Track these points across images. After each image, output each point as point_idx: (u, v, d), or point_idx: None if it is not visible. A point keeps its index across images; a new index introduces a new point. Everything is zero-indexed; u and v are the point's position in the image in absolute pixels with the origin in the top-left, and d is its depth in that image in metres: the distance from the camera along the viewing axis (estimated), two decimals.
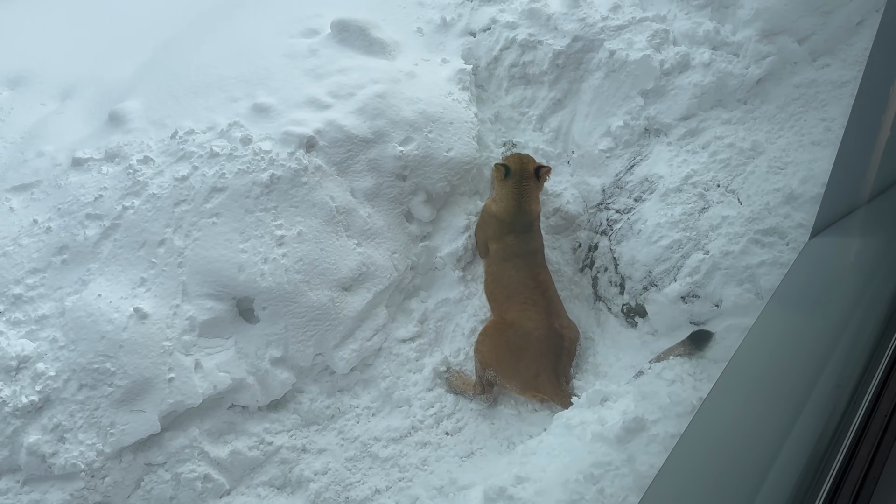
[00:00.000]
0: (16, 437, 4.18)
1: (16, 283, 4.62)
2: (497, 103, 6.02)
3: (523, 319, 4.49)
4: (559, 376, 4.37)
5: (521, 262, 4.77)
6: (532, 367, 4.37)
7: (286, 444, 4.55)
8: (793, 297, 2.76)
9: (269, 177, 4.79)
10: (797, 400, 2.18)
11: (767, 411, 2.24)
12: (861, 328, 2.31)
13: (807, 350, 2.45)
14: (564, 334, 4.47)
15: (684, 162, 4.69)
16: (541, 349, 4.38)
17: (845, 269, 2.93)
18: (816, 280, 2.86)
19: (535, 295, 4.58)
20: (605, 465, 3.61)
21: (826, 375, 2.22)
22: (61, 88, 6.18)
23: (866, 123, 2.62)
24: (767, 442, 2.12)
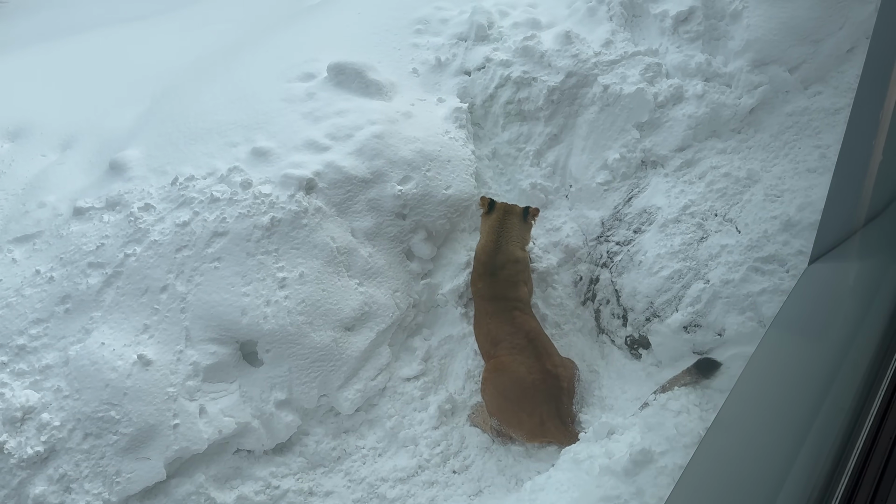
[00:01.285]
0: (22, 488, 4.16)
1: (19, 333, 4.63)
2: (494, 140, 6.08)
3: (515, 366, 4.37)
4: (564, 419, 4.25)
5: (499, 307, 4.62)
6: (535, 416, 4.26)
7: (293, 488, 4.52)
8: (793, 322, 2.77)
9: (269, 220, 4.82)
10: (801, 425, 2.18)
11: (771, 438, 2.24)
12: (862, 351, 2.32)
13: (809, 375, 2.45)
14: (560, 374, 4.33)
15: (681, 192, 4.72)
16: (539, 396, 4.25)
17: (845, 293, 2.93)
18: (816, 305, 2.87)
19: (519, 340, 4.45)
20: (615, 499, 3.58)
21: (829, 400, 2.22)
22: (61, 139, 6.24)
23: (859, 148, 2.65)
24: (772, 469, 2.12)
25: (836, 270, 2.93)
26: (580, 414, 4.54)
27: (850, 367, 2.32)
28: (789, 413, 2.34)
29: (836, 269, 2.93)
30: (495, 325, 4.56)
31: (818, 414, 2.25)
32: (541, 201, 5.73)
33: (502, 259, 4.77)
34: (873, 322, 2.46)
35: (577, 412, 4.43)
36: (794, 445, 2.17)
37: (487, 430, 4.58)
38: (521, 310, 4.61)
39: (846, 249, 2.88)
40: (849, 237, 2.90)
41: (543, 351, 4.39)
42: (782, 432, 2.29)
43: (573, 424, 4.28)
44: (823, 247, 2.96)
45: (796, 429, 2.24)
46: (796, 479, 2.05)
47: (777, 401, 2.43)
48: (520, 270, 4.80)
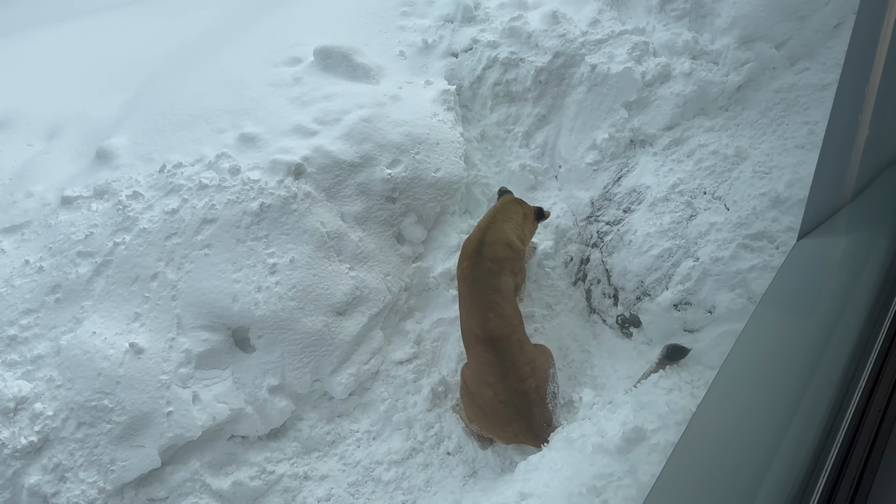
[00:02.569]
0: (16, 478, 4.16)
1: (10, 324, 4.62)
2: (482, 122, 6.07)
3: (482, 388, 4.25)
4: (537, 431, 4.15)
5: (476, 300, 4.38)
6: (508, 430, 4.22)
7: (288, 472, 4.54)
8: (782, 298, 2.78)
9: (258, 206, 4.80)
10: (791, 400, 2.19)
11: (762, 413, 2.25)
12: (851, 325, 2.33)
13: (799, 350, 2.47)
14: (528, 388, 4.16)
15: (670, 171, 4.73)
16: (509, 415, 4.17)
17: (833, 268, 2.95)
18: (805, 281, 2.89)
19: (487, 354, 4.22)
20: (608, 477, 3.60)
21: (819, 374, 2.23)
22: (48, 128, 6.21)
23: (845, 123, 2.66)
24: (764, 443, 2.13)
25: (824, 246, 2.95)
26: (574, 392, 4.56)
27: (839, 341, 2.34)
28: (779, 388, 2.36)
29: (825, 244, 2.95)
30: (470, 321, 4.37)
31: (807, 388, 2.26)
32: (530, 182, 5.73)
33: (492, 237, 4.55)
34: (861, 296, 2.48)
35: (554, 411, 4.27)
36: (784, 420, 2.19)
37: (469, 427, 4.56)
38: (497, 306, 4.33)
39: (834, 224, 2.90)
40: (837, 212, 2.91)
41: (510, 365, 4.16)
42: (772, 407, 2.31)
43: (550, 426, 4.17)
44: (812, 222, 2.97)
45: (786, 403, 2.26)
46: (786, 453, 2.07)
47: (767, 376, 2.44)
48: (508, 257, 4.56)
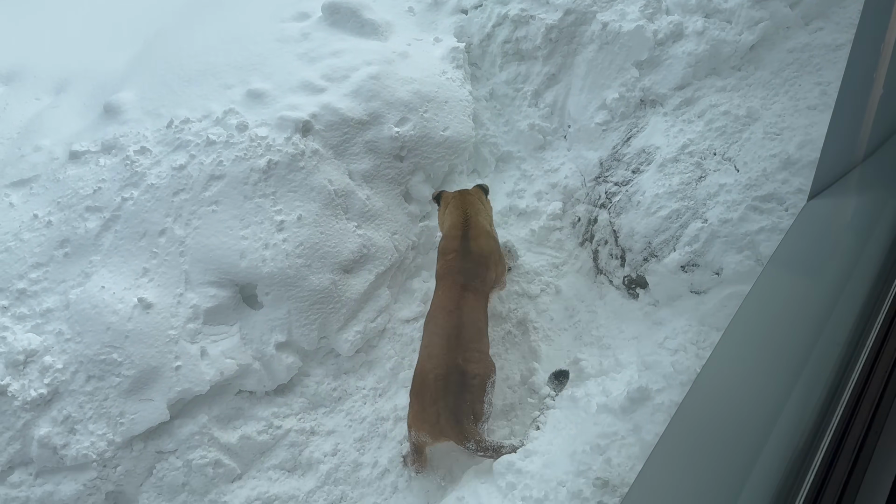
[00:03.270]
0: (26, 430, 4.21)
1: (19, 277, 4.64)
2: (491, 80, 6.02)
3: (424, 358, 4.12)
4: (460, 416, 3.86)
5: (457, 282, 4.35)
6: (432, 411, 3.92)
7: (295, 427, 4.58)
8: (791, 259, 2.77)
9: (266, 162, 4.79)
10: (797, 360, 2.19)
11: (767, 374, 2.25)
12: (859, 285, 2.32)
13: (806, 311, 2.46)
14: (468, 370, 3.96)
15: (680, 132, 4.69)
16: (437, 390, 3.92)
17: (842, 229, 2.93)
18: (814, 242, 2.87)
19: (447, 322, 4.15)
20: (611, 436, 3.64)
21: (826, 335, 2.23)
22: (55, 82, 6.18)
23: (859, 83, 2.62)
24: (768, 404, 2.14)
25: (834, 206, 2.93)
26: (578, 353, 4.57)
27: (847, 302, 2.33)
28: (785, 349, 2.36)
29: (835, 204, 2.92)
30: (444, 298, 4.32)
31: (814, 349, 2.26)
32: (539, 142, 5.70)
33: (475, 232, 4.58)
34: (870, 256, 2.47)
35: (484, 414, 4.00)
36: (789, 380, 2.19)
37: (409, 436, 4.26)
38: (476, 291, 4.34)
39: (845, 185, 2.87)
40: (848, 173, 2.89)
41: (461, 343, 4.05)
42: (778, 368, 2.31)
43: (476, 424, 3.90)
44: (822, 183, 2.95)
45: (792, 364, 2.26)
46: (791, 414, 2.08)
47: (773, 337, 2.44)
48: (491, 249, 4.61)
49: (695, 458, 2.13)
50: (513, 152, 5.82)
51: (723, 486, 1.97)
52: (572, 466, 3.59)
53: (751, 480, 1.91)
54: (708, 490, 2.00)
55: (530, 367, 4.61)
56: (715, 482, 2.01)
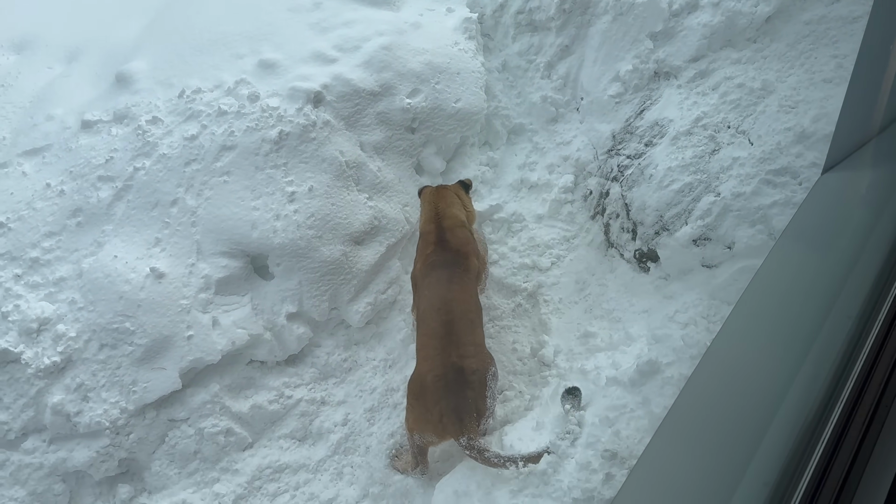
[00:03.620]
0: (40, 397, 4.26)
1: (32, 246, 4.67)
2: (504, 52, 5.98)
3: (420, 361, 4.02)
4: (461, 414, 3.74)
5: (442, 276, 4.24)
6: (435, 412, 3.80)
7: (305, 397, 4.62)
8: (804, 233, 2.75)
9: (277, 133, 4.79)
10: (808, 334, 2.19)
11: (778, 348, 2.25)
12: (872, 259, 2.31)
13: (818, 284, 2.45)
14: (465, 366, 3.83)
15: (694, 104, 4.65)
16: (438, 391, 3.80)
17: (856, 202, 2.91)
18: (827, 215, 2.85)
19: (437, 324, 4.01)
20: (620, 408, 3.65)
21: (837, 308, 2.22)
22: (67, 51, 6.17)
23: (876, 55, 2.59)
24: (778, 378, 2.14)
25: (848, 179, 2.90)
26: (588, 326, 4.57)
27: (859, 276, 2.32)
28: (796, 322, 2.35)
29: (849, 178, 2.90)
30: (432, 295, 4.19)
31: (825, 323, 2.26)
32: (551, 115, 5.67)
33: (449, 223, 4.50)
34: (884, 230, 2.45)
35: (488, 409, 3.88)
36: (799, 354, 2.19)
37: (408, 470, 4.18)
38: (461, 283, 4.24)
39: (860, 158, 2.85)
40: (863, 146, 2.86)
41: (455, 340, 3.93)
42: (788, 342, 2.30)
43: (479, 420, 3.79)
44: (837, 156, 2.92)
45: (803, 338, 2.25)
46: (801, 388, 2.08)
47: (784, 311, 2.43)
48: (468, 239, 4.51)
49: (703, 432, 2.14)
50: (525, 125, 5.80)
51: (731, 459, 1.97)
52: (581, 438, 3.61)
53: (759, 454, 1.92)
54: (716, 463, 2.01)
55: (540, 339, 4.62)
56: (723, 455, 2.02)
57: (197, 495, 4.29)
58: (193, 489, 4.31)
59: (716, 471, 1.96)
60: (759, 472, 1.85)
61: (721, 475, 1.93)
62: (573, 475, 3.45)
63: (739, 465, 1.89)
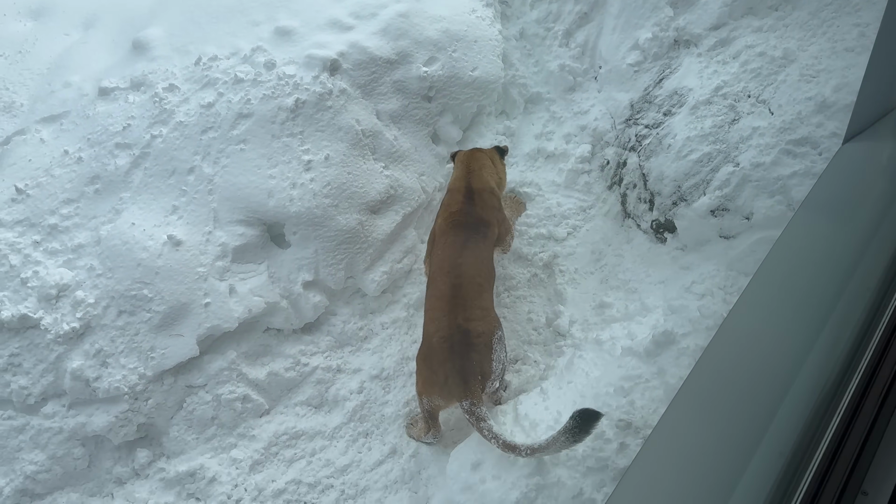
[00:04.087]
0: (59, 363, 4.30)
1: (51, 213, 4.70)
2: (522, 19, 5.91)
3: (427, 323, 4.05)
4: (466, 377, 3.73)
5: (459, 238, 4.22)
6: (440, 374, 3.82)
7: (321, 365, 4.65)
8: (823, 203, 2.72)
9: (294, 101, 4.77)
10: (826, 306, 2.18)
11: (796, 319, 2.24)
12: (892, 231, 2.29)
13: (837, 255, 2.43)
14: (471, 328, 3.83)
15: (714, 73, 4.59)
16: (443, 353, 3.82)
17: (877, 172, 2.88)
18: (848, 185, 2.82)
19: (445, 283, 4.03)
20: (635, 379, 3.65)
21: (856, 279, 2.21)
22: (84, 17, 6.16)
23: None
24: (795, 349, 2.13)
25: (869, 149, 2.87)
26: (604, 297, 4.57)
27: (879, 247, 2.30)
28: (814, 294, 2.34)
29: (870, 148, 2.87)
30: (443, 257, 4.19)
31: (843, 294, 2.24)
32: (569, 84, 5.63)
33: (478, 185, 4.49)
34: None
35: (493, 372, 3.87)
36: (817, 326, 2.18)
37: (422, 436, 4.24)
38: (476, 248, 4.21)
39: (882, 128, 2.81)
40: (886, 115, 2.82)
41: (462, 303, 3.93)
42: (806, 313, 2.29)
43: (484, 382, 3.79)
44: (858, 126, 2.88)
45: (821, 309, 2.24)
46: (818, 359, 2.07)
47: (803, 282, 2.42)
48: (494, 205, 4.50)
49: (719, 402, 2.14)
50: (542, 93, 5.75)
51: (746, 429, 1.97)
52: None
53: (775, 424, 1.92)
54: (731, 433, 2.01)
55: (555, 309, 4.62)
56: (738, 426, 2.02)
57: (214, 460, 4.34)
58: (211, 454, 4.37)
59: (731, 441, 1.97)
60: (774, 442, 1.86)
61: (736, 445, 1.93)
62: (587, 444, 3.46)
63: (755, 435, 1.89)
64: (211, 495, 4.23)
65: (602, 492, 3.36)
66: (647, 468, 1.95)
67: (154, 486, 4.29)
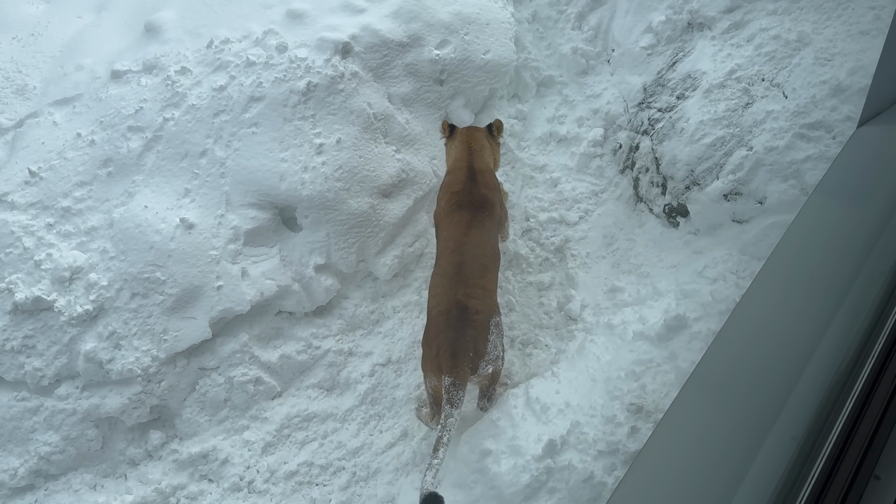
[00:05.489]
0: (73, 344, 4.34)
1: (64, 196, 4.72)
2: (534, 2, 5.89)
3: (429, 299, 4.03)
4: (457, 352, 3.65)
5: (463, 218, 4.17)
6: (434, 346, 3.76)
7: (333, 348, 4.66)
8: (838, 187, 2.71)
9: (305, 84, 4.77)
10: (840, 290, 2.17)
11: (809, 303, 2.24)
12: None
13: (851, 239, 2.42)
14: (470, 305, 3.79)
15: (728, 56, 4.56)
16: (439, 325, 3.78)
17: (893, 157, 2.86)
18: (862, 169, 2.80)
19: (449, 265, 4.00)
20: (647, 363, 3.66)
21: (870, 264, 2.20)
22: (96, 0, 6.16)
23: None
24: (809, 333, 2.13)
25: (885, 133, 2.85)
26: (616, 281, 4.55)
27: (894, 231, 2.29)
28: (828, 278, 2.33)
29: (886, 131, 2.84)
30: (450, 236, 4.16)
31: (857, 278, 2.23)
32: (581, 67, 5.60)
33: (480, 165, 4.44)
34: None
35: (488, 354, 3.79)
36: (831, 310, 2.17)
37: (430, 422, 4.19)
38: (481, 227, 4.17)
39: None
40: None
41: (463, 280, 3.90)
42: (820, 297, 2.29)
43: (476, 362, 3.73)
44: (873, 109, 2.86)
45: (834, 294, 2.24)
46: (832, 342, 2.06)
47: (817, 266, 2.41)
48: (495, 185, 4.46)
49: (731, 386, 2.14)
50: (554, 77, 5.73)
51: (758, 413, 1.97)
52: (607, 391, 3.63)
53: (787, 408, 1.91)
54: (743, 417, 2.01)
55: (567, 293, 4.62)
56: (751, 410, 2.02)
57: (227, 442, 4.37)
58: (223, 436, 4.40)
59: (743, 425, 1.97)
60: (787, 426, 1.86)
61: (748, 429, 1.93)
62: (598, 428, 3.47)
63: (767, 419, 1.89)
64: (223, 476, 4.27)
65: (613, 475, 3.37)
66: (658, 452, 1.95)
67: (167, 467, 4.33)
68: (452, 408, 3.51)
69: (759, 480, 1.75)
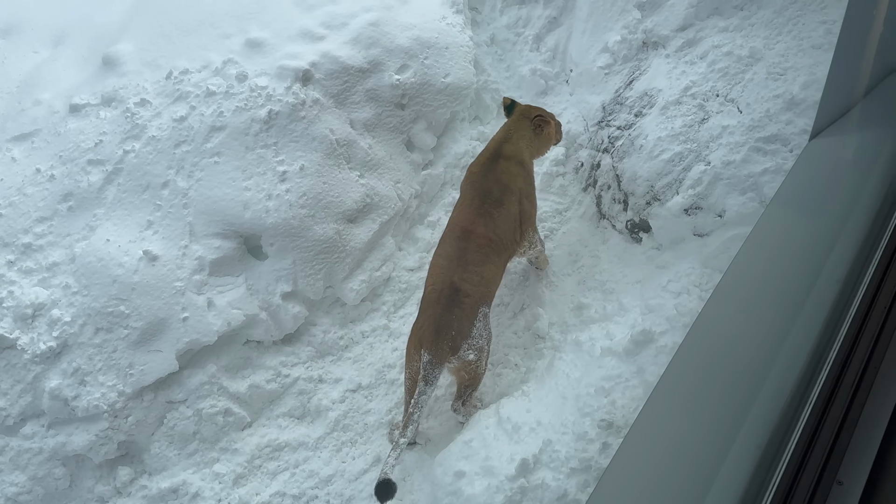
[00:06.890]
0: (37, 382, 4.27)
1: (24, 232, 4.66)
2: (492, 25, 5.95)
3: (428, 278, 4.07)
4: (441, 330, 3.75)
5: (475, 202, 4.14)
6: (420, 321, 3.90)
7: (303, 376, 4.64)
8: (792, 199, 2.77)
9: (267, 113, 4.77)
10: (797, 298, 2.21)
11: (767, 312, 2.27)
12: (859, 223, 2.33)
13: (806, 249, 2.47)
14: (462, 288, 3.86)
15: (683, 73, 4.65)
16: (428, 301, 3.91)
17: (843, 167, 2.92)
18: (816, 181, 2.87)
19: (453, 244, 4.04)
20: (615, 378, 3.68)
21: (825, 272, 2.24)
22: (53, 35, 6.11)
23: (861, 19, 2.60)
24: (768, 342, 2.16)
25: (835, 144, 2.91)
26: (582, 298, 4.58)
27: (847, 239, 2.34)
28: (785, 287, 2.37)
29: (836, 143, 2.91)
30: (459, 217, 4.17)
31: (813, 286, 2.28)
32: (541, 87, 5.66)
33: (509, 150, 4.33)
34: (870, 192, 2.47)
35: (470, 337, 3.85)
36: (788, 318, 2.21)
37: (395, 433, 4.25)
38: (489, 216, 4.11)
39: (846, 123, 2.86)
40: (849, 111, 2.87)
41: (462, 264, 3.94)
42: (777, 306, 2.33)
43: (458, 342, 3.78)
44: (824, 122, 2.93)
45: (791, 302, 2.28)
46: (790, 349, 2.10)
47: (773, 276, 2.45)
48: (518, 174, 4.31)
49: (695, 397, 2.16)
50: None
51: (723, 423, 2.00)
52: (577, 408, 3.64)
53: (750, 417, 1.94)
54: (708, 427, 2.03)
55: (534, 312, 4.64)
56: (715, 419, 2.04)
57: (197, 475, 4.32)
58: (193, 469, 4.34)
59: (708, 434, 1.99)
60: (750, 434, 1.88)
61: (714, 438, 1.95)
62: (570, 445, 3.48)
63: (731, 428, 1.92)
64: None
65: (586, 492, 3.38)
66: (626, 465, 1.96)
67: (137, 503, 4.26)
68: (427, 385, 3.62)
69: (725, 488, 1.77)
